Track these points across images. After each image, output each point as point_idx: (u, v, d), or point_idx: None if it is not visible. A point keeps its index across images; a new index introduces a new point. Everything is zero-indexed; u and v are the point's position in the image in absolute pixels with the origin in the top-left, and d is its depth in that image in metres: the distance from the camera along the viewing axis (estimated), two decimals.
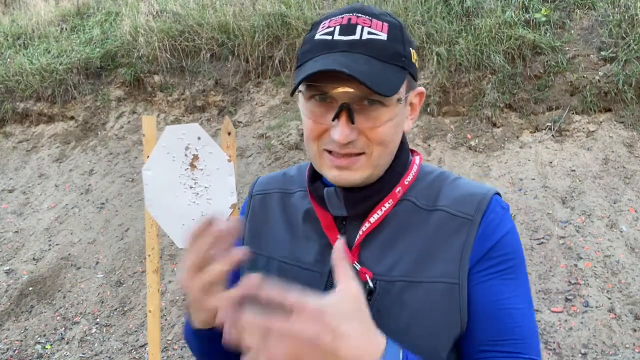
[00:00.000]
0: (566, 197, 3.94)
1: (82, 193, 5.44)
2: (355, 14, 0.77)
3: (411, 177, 0.86)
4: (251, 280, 0.59)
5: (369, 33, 0.76)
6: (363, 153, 0.78)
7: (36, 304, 4.26)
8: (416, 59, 0.82)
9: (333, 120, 0.75)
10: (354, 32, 0.76)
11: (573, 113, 4.45)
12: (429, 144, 4.65)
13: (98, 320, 4.01)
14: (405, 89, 0.79)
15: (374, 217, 0.83)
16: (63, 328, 3.99)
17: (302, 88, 0.79)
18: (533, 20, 4.79)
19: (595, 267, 3.41)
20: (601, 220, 3.70)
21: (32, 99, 6.54)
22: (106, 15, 7.18)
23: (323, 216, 0.86)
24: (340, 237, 0.83)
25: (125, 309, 4.05)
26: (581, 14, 4.83)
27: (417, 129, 4.76)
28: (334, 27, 0.77)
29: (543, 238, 3.68)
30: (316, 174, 0.89)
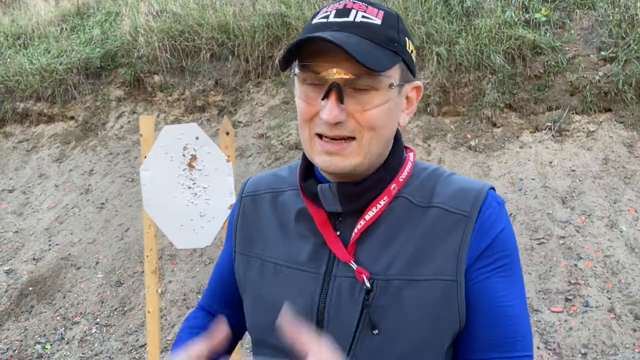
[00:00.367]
0: (566, 197, 3.94)
1: (82, 193, 5.44)
2: (352, 1, 0.78)
3: (406, 174, 0.86)
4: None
5: (363, 17, 0.76)
6: (353, 138, 0.78)
7: (36, 304, 4.26)
8: (412, 50, 0.82)
9: (322, 99, 0.75)
10: (348, 15, 0.76)
11: (573, 113, 4.44)
12: (429, 144, 4.65)
13: (98, 320, 4.01)
14: (399, 77, 0.79)
15: (369, 215, 0.82)
16: (63, 328, 3.99)
17: (297, 71, 0.79)
18: (533, 20, 4.78)
19: (595, 267, 3.41)
20: (601, 220, 3.70)
21: (32, 99, 6.54)
22: (106, 15, 7.18)
23: (317, 213, 0.85)
24: (337, 234, 0.83)
25: (125, 309, 4.05)
26: (581, 14, 4.82)
27: (417, 129, 4.76)
28: (330, 12, 0.78)
29: (543, 238, 3.68)
30: (308, 172, 0.89)
